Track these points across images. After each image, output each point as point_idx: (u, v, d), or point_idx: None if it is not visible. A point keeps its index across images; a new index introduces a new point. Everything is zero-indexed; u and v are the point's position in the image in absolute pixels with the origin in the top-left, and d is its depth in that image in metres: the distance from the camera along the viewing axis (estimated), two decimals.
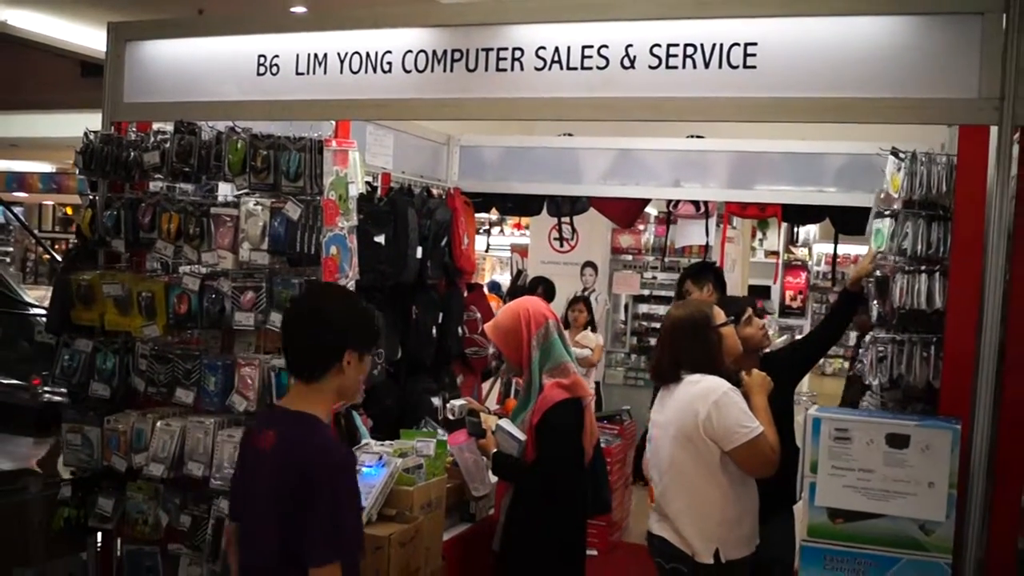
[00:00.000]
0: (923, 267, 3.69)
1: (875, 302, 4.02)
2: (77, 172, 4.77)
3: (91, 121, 4.95)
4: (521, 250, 12.44)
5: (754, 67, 3.81)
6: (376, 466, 3.80)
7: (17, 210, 17.22)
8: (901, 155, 3.84)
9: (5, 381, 10.97)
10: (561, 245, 8.42)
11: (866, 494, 3.22)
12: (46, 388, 9.40)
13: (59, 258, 14.23)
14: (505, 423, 4.06)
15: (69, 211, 23.12)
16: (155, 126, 4.69)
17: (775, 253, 14.55)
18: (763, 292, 14.27)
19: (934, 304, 3.63)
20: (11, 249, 21.48)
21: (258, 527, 2.86)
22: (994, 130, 3.46)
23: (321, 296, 3.19)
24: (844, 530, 3.25)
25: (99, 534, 4.77)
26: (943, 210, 3.71)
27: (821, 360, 5.85)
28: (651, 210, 10.08)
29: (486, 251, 13.57)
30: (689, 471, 3.61)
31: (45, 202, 23.58)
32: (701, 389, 3.61)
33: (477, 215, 6.82)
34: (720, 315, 3.86)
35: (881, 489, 3.20)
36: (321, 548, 2.70)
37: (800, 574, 3.31)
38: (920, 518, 3.18)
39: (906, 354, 3.76)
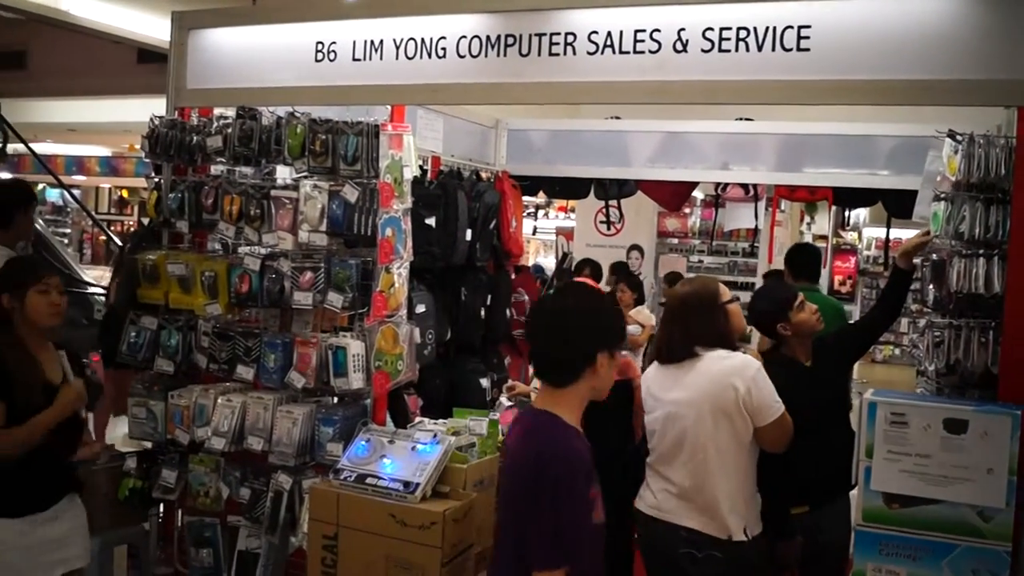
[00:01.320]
0: (981, 251, 3.60)
1: (931, 286, 3.94)
2: (143, 155, 4.90)
3: (147, 106, 5.07)
4: (567, 233, 12.46)
5: (807, 50, 3.79)
6: (431, 443, 3.88)
7: (75, 192, 17.51)
8: (958, 137, 3.76)
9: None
10: (607, 228, 8.45)
11: (923, 479, 3.13)
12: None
13: (116, 239, 14.47)
14: None
15: (125, 193, 23.50)
16: (217, 111, 4.83)
17: (824, 237, 14.42)
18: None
19: (992, 288, 3.55)
20: (69, 230, 21.88)
21: (501, 523, 2.86)
22: None
23: (567, 298, 3.02)
24: (900, 515, 3.17)
25: (162, 505, 4.92)
26: (1002, 193, 3.62)
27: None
28: (697, 193, 10.07)
29: (532, 234, 13.60)
30: (726, 448, 3.53)
31: (102, 185, 23.97)
32: (735, 364, 3.55)
33: (524, 198, 6.88)
34: (726, 292, 3.79)
35: (939, 475, 3.11)
36: (544, 551, 2.61)
37: (855, 559, 3.24)
38: (979, 504, 3.08)
39: (963, 339, 3.66)
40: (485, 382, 5.81)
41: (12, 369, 3.60)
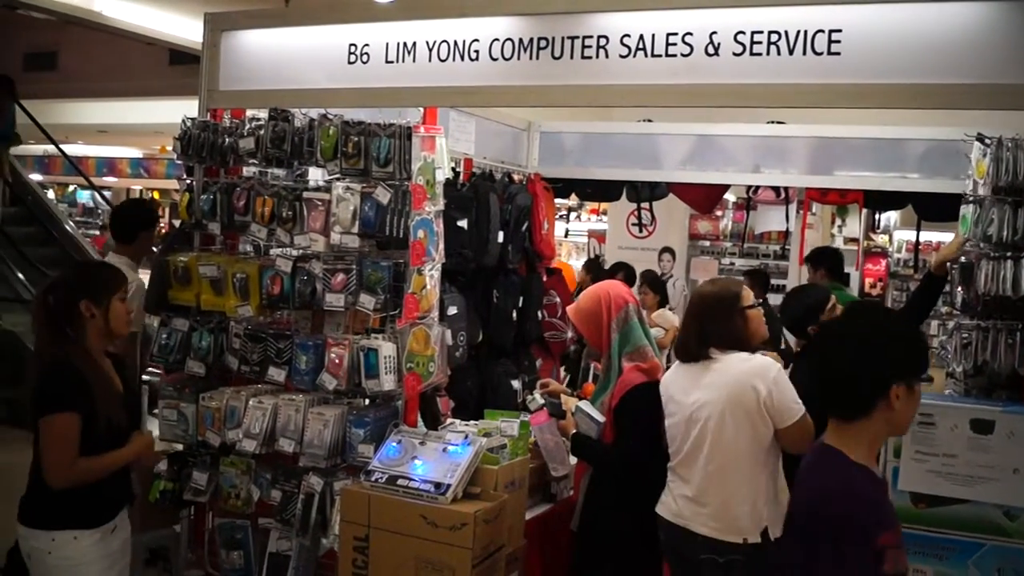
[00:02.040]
0: (1009, 253, 3.65)
1: (959, 288, 3.98)
2: (175, 157, 4.93)
3: (179, 108, 5.10)
4: (599, 235, 12.46)
5: (838, 54, 3.78)
6: (462, 445, 3.88)
7: (105, 194, 17.67)
8: (987, 141, 3.80)
9: None
10: (639, 231, 8.47)
11: (950, 479, 3.19)
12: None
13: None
14: (584, 405, 4.13)
15: (156, 195, 23.68)
16: (249, 113, 4.83)
17: (855, 240, 14.35)
18: (843, 279, 14.10)
19: (1020, 290, 3.60)
20: (99, 232, 22.06)
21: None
22: None
23: (858, 321, 2.68)
24: (927, 515, 3.23)
25: (192, 507, 4.94)
26: None
27: None
28: (729, 196, 10.04)
29: (565, 236, 13.61)
30: (745, 451, 3.53)
31: (133, 186, 24.18)
32: (755, 367, 3.54)
33: (556, 200, 6.88)
34: (749, 296, 3.79)
35: (965, 474, 3.17)
36: None
37: None
38: (1005, 504, 3.13)
39: (991, 341, 3.71)
40: (516, 384, 5.81)
41: (91, 382, 3.51)
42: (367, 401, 4.39)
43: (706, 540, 3.54)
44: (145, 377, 5.62)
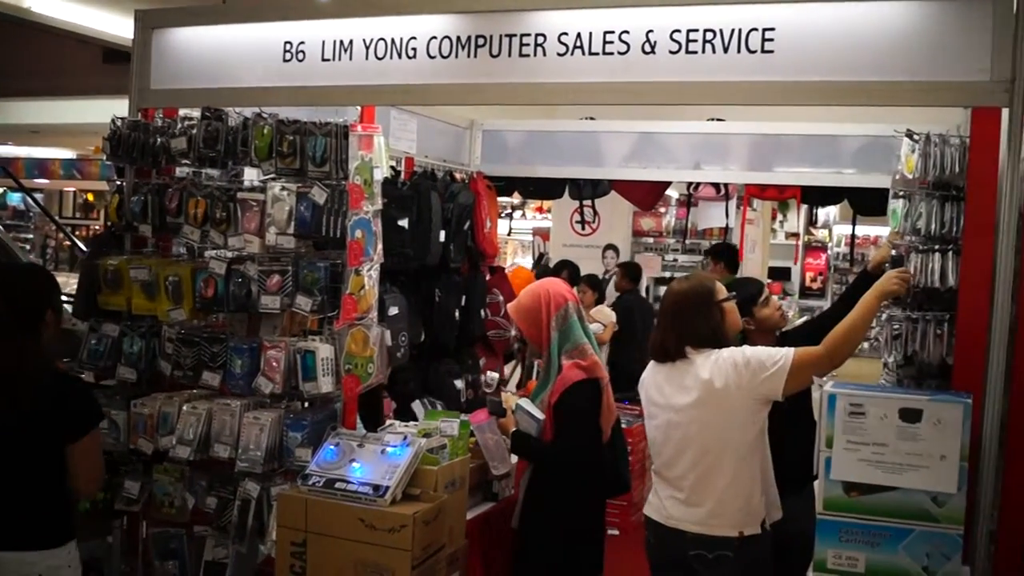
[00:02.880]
0: (937, 246, 3.73)
1: None
2: (104, 158, 4.82)
3: (113, 107, 5.00)
4: (543, 233, 12.48)
5: (772, 51, 3.85)
6: (400, 446, 3.84)
7: (37, 196, 17.31)
8: (915, 137, 3.89)
9: None
10: (583, 228, 8.49)
11: (880, 467, 3.24)
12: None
13: (80, 244, 14.29)
14: (524, 402, 4.11)
15: (90, 197, 23.25)
16: (182, 112, 4.74)
17: (795, 235, 14.54)
18: (783, 274, 14.28)
19: (947, 282, 3.68)
20: (31, 236, 21.59)
21: None
22: (1005, 112, 3.50)
23: None
24: (859, 503, 3.28)
25: (125, 516, 4.81)
26: (956, 190, 3.75)
27: None
28: (672, 193, 10.12)
29: (508, 235, 13.64)
30: (734, 446, 3.51)
31: (66, 188, 23.70)
32: (723, 355, 3.52)
33: (499, 199, 6.86)
34: (722, 290, 3.79)
35: (894, 463, 3.23)
36: None
37: (816, 547, 3.33)
38: (932, 490, 3.20)
39: (920, 331, 3.81)
40: (460, 383, 5.80)
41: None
42: (304, 404, 4.32)
43: (697, 537, 3.53)
44: None
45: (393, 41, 4.40)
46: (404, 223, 5.22)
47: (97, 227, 22.30)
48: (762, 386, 3.45)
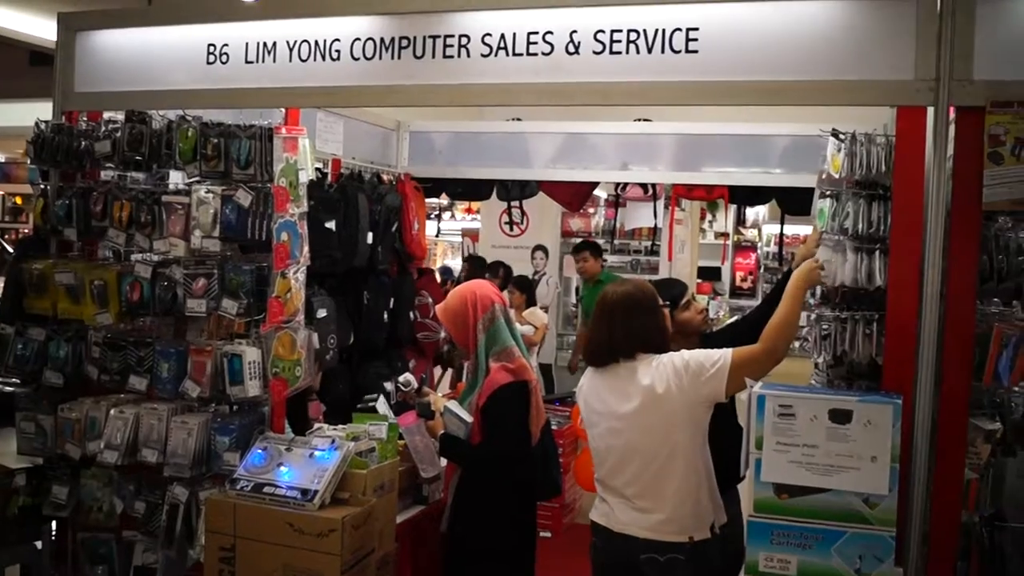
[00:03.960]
0: (864, 245, 3.73)
1: None
2: (28, 162, 4.77)
3: (40, 110, 4.93)
4: (472, 234, 12.49)
5: (696, 51, 3.85)
6: (329, 450, 3.84)
7: None
8: (841, 136, 3.90)
9: None
10: (511, 229, 8.53)
11: (810, 469, 3.20)
12: None
13: (9, 248, 14.04)
14: (452, 405, 4.11)
15: (19, 201, 22.79)
16: (106, 115, 4.70)
17: (725, 234, 14.69)
18: (713, 273, 14.44)
19: (875, 282, 3.67)
20: None
21: None
22: (930, 111, 3.51)
23: None
24: (790, 505, 3.23)
25: (53, 522, 4.78)
26: (883, 189, 3.75)
27: None
28: (600, 193, 10.18)
29: (437, 236, 13.62)
30: (681, 450, 3.48)
31: None
32: (661, 366, 3.49)
33: (428, 200, 6.87)
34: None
35: (825, 464, 3.18)
36: None
37: (747, 549, 3.28)
38: (864, 492, 3.16)
39: (849, 331, 3.79)
40: (389, 386, 5.77)
41: None
42: (232, 408, 4.31)
43: (648, 542, 3.49)
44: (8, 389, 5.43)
45: (317, 43, 4.39)
46: (331, 225, 5.22)
47: (26, 230, 21.88)
48: (704, 388, 3.43)
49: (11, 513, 4.59)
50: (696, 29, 3.86)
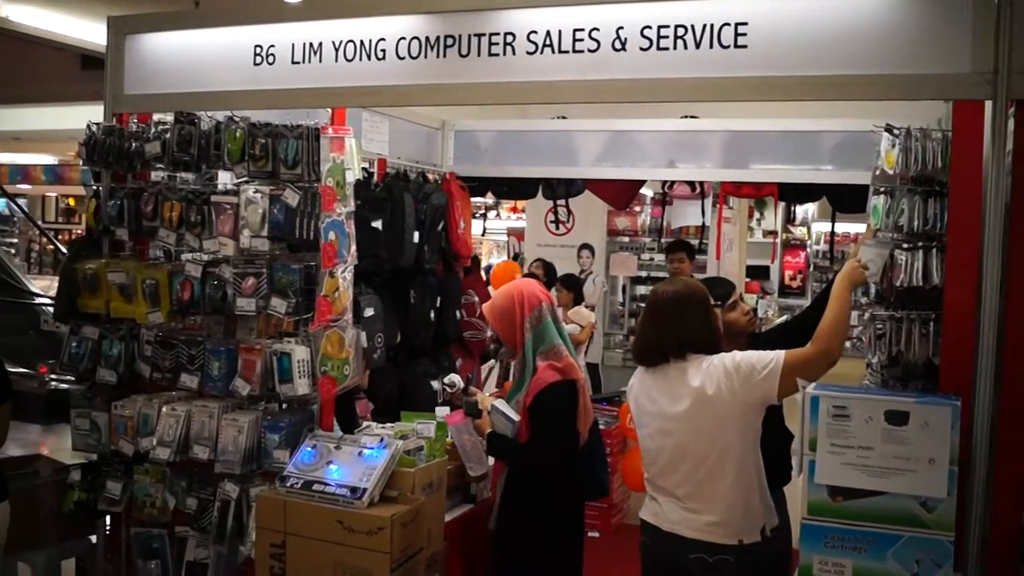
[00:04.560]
0: (920, 243, 3.65)
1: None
2: (81, 163, 4.85)
3: (92, 113, 5.01)
4: (518, 233, 12.47)
5: (745, 47, 3.80)
6: (377, 448, 3.86)
7: (21, 201, 17.27)
8: (895, 131, 3.80)
9: (13, 370, 11.09)
10: (557, 228, 8.50)
11: (866, 471, 3.16)
12: (52, 376, 9.52)
13: (63, 248, 14.25)
14: (500, 404, 4.10)
15: (72, 202, 23.20)
16: (156, 117, 4.76)
17: (773, 233, 14.56)
18: (762, 272, 14.31)
19: (931, 280, 3.59)
20: (15, 240, 21.52)
21: None
22: (988, 104, 3.42)
23: None
24: (844, 508, 3.19)
25: (107, 517, 4.86)
26: (939, 186, 3.66)
27: None
28: (647, 191, 10.11)
29: (482, 235, 13.60)
30: (733, 452, 3.44)
31: (48, 193, 23.60)
32: (711, 367, 3.46)
33: (473, 199, 6.88)
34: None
35: (881, 466, 3.14)
36: None
37: (801, 552, 3.26)
38: (921, 495, 3.11)
39: (905, 331, 3.71)
40: (436, 385, 5.77)
41: None
42: (282, 406, 4.35)
43: (697, 542, 3.45)
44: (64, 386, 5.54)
45: (362, 43, 4.41)
46: (378, 224, 5.24)
47: (79, 231, 22.24)
48: (755, 390, 3.39)
49: (67, 508, 4.68)
50: (745, 24, 3.80)
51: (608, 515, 7.17)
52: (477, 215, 10.00)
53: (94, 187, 4.84)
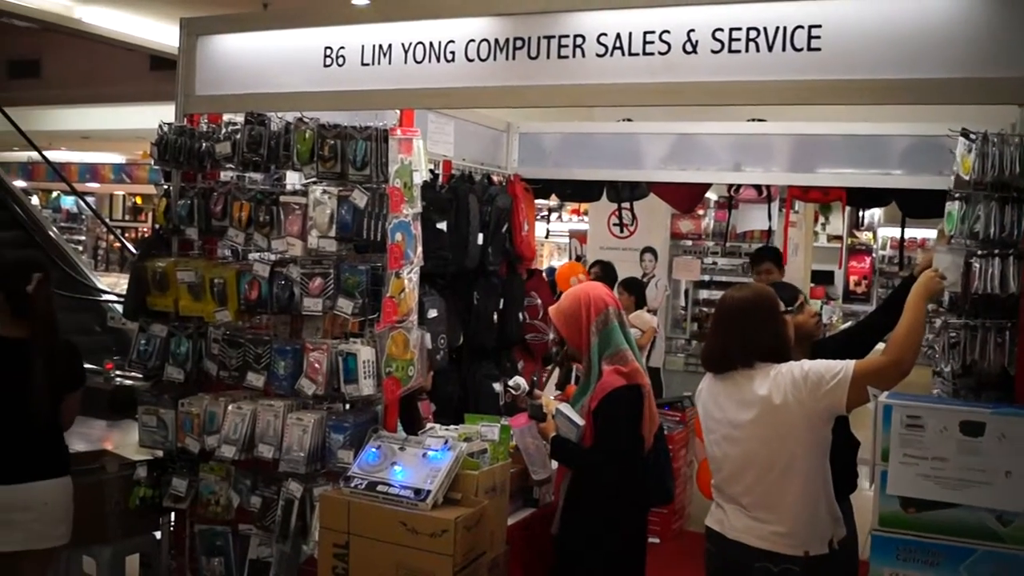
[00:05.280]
0: (996, 250, 3.54)
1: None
2: (152, 162, 4.90)
3: (160, 113, 5.08)
4: (580, 236, 12.43)
5: (818, 49, 3.75)
6: (442, 450, 3.86)
7: (89, 200, 17.62)
8: (972, 136, 3.72)
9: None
10: (620, 231, 8.46)
11: (939, 483, 3.06)
12: (117, 372, 9.69)
13: (130, 246, 14.52)
14: (565, 407, 4.07)
15: (139, 200, 23.65)
16: (226, 117, 4.81)
17: (838, 237, 14.36)
18: (827, 277, 14.10)
19: (1008, 288, 3.49)
20: (83, 238, 21.97)
21: None
22: None
23: None
24: (917, 520, 3.10)
25: (172, 513, 4.92)
26: (1017, 192, 3.56)
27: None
28: (711, 195, 10.02)
29: (545, 237, 13.60)
30: (800, 462, 3.40)
31: (116, 192, 24.10)
32: (779, 376, 3.41)
33: (536, 201, 6.87)
34: (780, 302, 3.70)
35: (955, 478, 3.04)
36: None
37: (871, 564, 3.17)
38: (997, 508, 3.01)
39: (979, 340, 3.61)
40: (498, 387, 5.79)
41: None
42: (346, 406, 4.36)
43: (761, 552, 3.41)
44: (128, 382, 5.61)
45: (432, 45, 4.42)
46: (443, 226, 5.25)
47: (145, 229, 22.65)
48: (823, 400, 3.33)
49: (132, 504, 4.73)
50: (819, 26, 3.76)
51: (669, 521, 7.10)
52: (539, 217, 9.96)
53: (164, 186, 4.89)
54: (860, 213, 13.50)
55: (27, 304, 4.13)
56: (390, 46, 4.52)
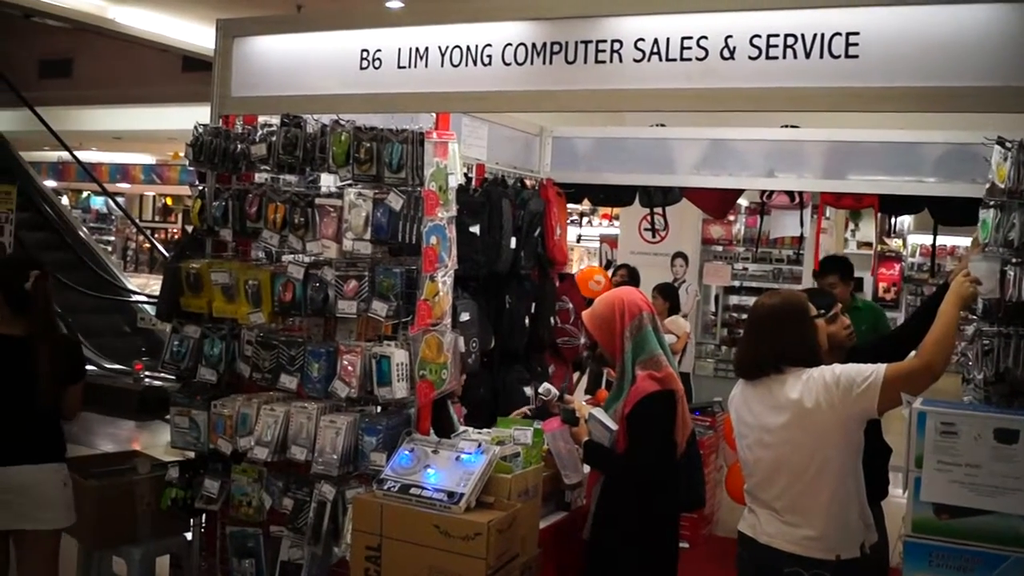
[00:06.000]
0: None
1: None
2: (187, 163, 4.92)
3: (192, 114, 5.11)
4: (611, 240, 12.43)
5: (856, 56, 3.75)
6: (475, 453, 3.85)
7: (119, 200, 17.77)
8: (1008, 144, 3.72)
9: (109, 366, 11.40)
10: (652, 236, 8.44)
11: (973, 490, 3.08)
12: (147, 373, 9.76)
13: (160, 247, 14.62)
14: (598, 412, 4.06)
15: (169, 201, 23.80)
16: (261, 119, 4.83)
17: (868, 244, 14.30)
18: (857, 284, 14.02)
19: None
20: (113, 238, 22.13)
21: None
22: None
23: None
24: (950, 526, 3.12)
25: (204, 515, 4.92)
26: None
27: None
28: (742, 200, 10.01)
29: (577, 241, 13.60)
30: (832, 466, 3.39)
31: (146, 192, 24.26)
32: (811, 380, 3.39)
33: (568, 206, 6.87)
34: (812, 307, 3.68)
35: (989, 485, 3.06)
36: None
37: (904, 570, 3.18)
38: None
39: (1013, 348, 3.63)
40: (529, 390, 5.78)
41: None
42: (379, 409, 4.36)
43: (793, 556, 3.40)
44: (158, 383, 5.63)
45: (468, 48, 4.42)
46: (475, 230, 5.25)
47: (175, 230, 22.81)
48: (855, 404, 3.32)
49: (164, 505, 4.74)
50: (856, 34, 3.75)
51: (698, 526, 7.07)
52: (570, 222, 9.97)
53: (199, 187, 4.91)
54: (891, 220, 13.44)
55: (26, 302, 4.15)
56: (427, 49, 4.52)
